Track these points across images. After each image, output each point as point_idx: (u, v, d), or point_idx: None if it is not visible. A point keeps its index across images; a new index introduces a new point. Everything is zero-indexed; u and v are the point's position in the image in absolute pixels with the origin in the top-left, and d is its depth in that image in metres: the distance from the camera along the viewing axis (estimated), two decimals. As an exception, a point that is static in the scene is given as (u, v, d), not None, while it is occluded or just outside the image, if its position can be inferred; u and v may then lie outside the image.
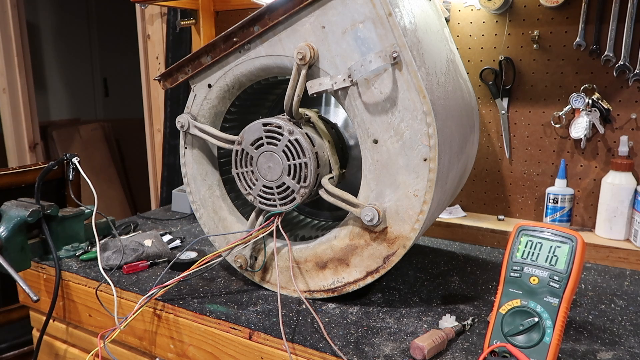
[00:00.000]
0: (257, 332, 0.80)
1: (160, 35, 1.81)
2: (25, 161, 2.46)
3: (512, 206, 1.23)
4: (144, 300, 0.85)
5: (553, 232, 0.67)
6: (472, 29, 1.18)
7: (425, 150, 0.74)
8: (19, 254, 0.99)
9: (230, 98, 0.91)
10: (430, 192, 0.75)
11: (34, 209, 0.98)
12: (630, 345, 0.74)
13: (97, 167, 3.18)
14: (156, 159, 1.94)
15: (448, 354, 0.72)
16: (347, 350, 0.72)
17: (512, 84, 1.16)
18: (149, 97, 1.91)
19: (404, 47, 0.72)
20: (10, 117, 2.38)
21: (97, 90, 3.67)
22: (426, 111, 0.73)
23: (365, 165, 0.79)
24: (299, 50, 0.77)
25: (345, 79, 0.76)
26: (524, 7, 1.12)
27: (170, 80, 0.93)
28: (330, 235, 0.85)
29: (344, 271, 0.84)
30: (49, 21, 3.32)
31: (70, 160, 1.11)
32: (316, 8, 0.77)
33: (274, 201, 0.85)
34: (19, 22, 2.34)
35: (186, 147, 0.95)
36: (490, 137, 1.22)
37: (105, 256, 1.03)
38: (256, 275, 0.93)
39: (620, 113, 1.08)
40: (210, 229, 0.96)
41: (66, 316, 1.06)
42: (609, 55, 1.05)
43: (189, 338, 0.88)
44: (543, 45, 1.12)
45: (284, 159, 0.82)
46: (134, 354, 1.00)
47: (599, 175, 1.12)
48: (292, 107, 0.81)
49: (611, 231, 1.09)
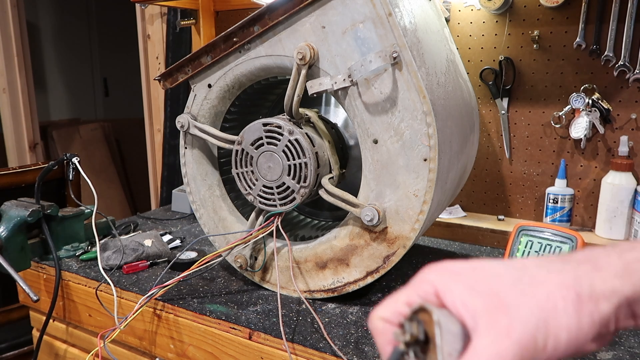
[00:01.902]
0: (257, 332, 0.80)
1: (160, 35, 1.81)
2: (25, 161, 2.46)
3: (512, 206, 1.23)
4: (144, 300, 0.85)
5: (553, 232, 0.67)
6: (472, 29, 1.18)
7: (425, 150, 0.74)
8: (19, 253, 0.99)
9: (230, 98, 0.91)
10: (430, 192, 0.75)
11: (34, 209, 0.98)
12: (630, 345, 0.74)
13: (97, 167, 3.18)
14: (156, 159, 1.94)
15: (448, 354, 0.72)
16: (347, 350, 0.72)
17: (512, 84, 1.16)
18: (149, 97, 1.91)
19: (404, 47, 0.72)
20: (10, 117, 2.38)
21: (97, 90, 3.67)
22: (426, 111, 0.73)
23: (365, 165, 0.79)
24: (299, 50, 0.77)
25: (345, 79, 0.76)
26: (524, 7, 1.12)
27: (170, 80, 0.93)
28: (330, 235, 0.85)
29: (344, 271, 0.84)
30: (49, 21, 3.32)
31: (70, 160, 1.11)
32: (316, 8, 0.77)
33: (274, 201, 0.85)
34: (19, 22, 2.34)
35: (186, 147, 0.95)
36: (490, 137, 1.22)
37: (105, 256, 1.03)
38: (256, 275, 0.93)
39: (620, 113, 1.08)
40: (210, 229, 0.96)
41: (66, 316, 1.06)
42: (609, 55, 1.05)
43: (189, 338, 0.88)
44: (543, 45, 1.12)
45: (284, 159, 0.82)
46: (134, 354, 1.00)
47: (599, 175, 1.11)
48: (292, 107, 0.81)
49: (611, 231, 1.09)
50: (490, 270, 0.33)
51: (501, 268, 0.33)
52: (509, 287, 0.31)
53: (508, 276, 0.32)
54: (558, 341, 0.30)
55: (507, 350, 0.29)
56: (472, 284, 0.32)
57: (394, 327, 0.34)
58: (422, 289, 0.34)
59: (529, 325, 0.30)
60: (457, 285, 0.32)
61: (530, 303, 0.30)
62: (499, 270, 0.33)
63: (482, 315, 0.30)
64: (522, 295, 0.31)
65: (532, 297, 0.31)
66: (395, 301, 0.35)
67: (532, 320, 0.30)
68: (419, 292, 0.34)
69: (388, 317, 0.35)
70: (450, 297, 0.32)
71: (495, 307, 0.30)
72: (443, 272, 0.34)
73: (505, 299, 0.31)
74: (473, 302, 0.31)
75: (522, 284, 0.31)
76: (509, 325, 0.29)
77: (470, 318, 0.31)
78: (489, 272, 0.33)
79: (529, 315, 0.30)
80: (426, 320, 0.32)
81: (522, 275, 0.32)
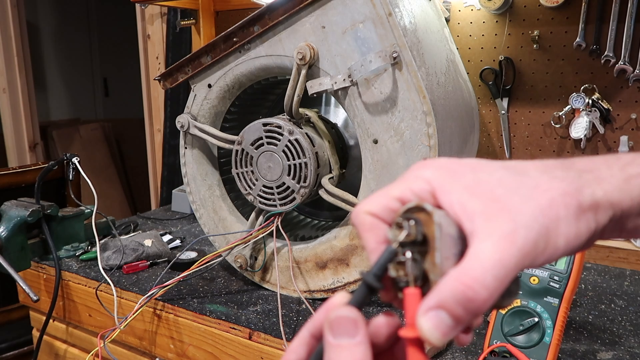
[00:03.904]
0: (257, 332, 0.80)
1: (160, 35, 1.81)
2: (25, 161, 2.46)
3: (512, 206, 1.23)
4: (144, 300, 0.85)
5: (553, 232, 0.67)
6: (472, 29, 1.18)
7: (425, 150, 0.74)
8: (19, 253, 0.99)
9: (230, 98, 0.91)
10: (430, 192, 0.75)
11: (34, 209, 0.98)
12: (630, 345, 0.74)
13: (97, 167, 3.18)
14: (156, 159, 1.94)
15: (448, 353, 0.72)
16: (347, 350, 0.72)
17: (512, 84, 1.16)
18: (149, 97, 1.91)
19: (404, 47, 0.72)
20: (10, 117, 2.38)
21: (97, 90, 3.67)
22: (426, 111, 0.73)
23: (365, 165, 0.79)
24: (299, 50, 0.77)
25: (345, 79, 0.76)
26: (524, 7, 1.12)
27: (170, 80, 0.93)
28: (330, 235, 0.85)
29: (344, 271, 0.84)
30: (49, 21, 3.32)
31: (70, 160, 1.11)
32: (316, 8, 0.77)
33: (274, 201, 0.85)
34: (19, 22, 2.34)
35: (186, 147, 0.95)
36: (490, 137, 1.22)
37: (105, 256, 1.03)
38: (256, 275, 0.93)
39: (620, 113, 1.08)
40: (210, 229, 0.96)
41: (66, 316, 1.06)
42: (609, 55, 1.05)
43: (189, 338, 0.88)
44: (543, 45, 1.12)
45: (284, 159, 0.82)
46: (134, 354, 1.00)
47: (599, 175, 1.11)
48: (292, 107, 0.81)
49: (611, 231, 1.08)
50: (491, 172, 0.31)
51: (502, 170, 0.31)
52: (511, 191, 0.30)
53: (510, 180, 0.31)
54: (556, 248, 0.29)
55: (510, 256, 0.28)
56: (472, 185, 0.30)
57: (383, 224, 0.32)
58: (416, 185, 0.32)
59: (532, 231, 0.28)
60: (456, 185, 0.31)
61: (534, 209, 0.29)
62: (500, 173, 0.31)
63: (482, 219, 0.29)
64: (525, 200, 0.29)
65: (535, 202, 0.29)
66: (386, 195, 0.32)
67: (534, 226, 0.29)
68: (414, 189, 0.32)
69: (377, 212, 0.32)
70: (447, 197, 0.30)
71: (497, 211, 0.29)
72: (440, 170, 0.32)
73: (507, 204, 0.29)
74: (472, 205, 0.30)
75: (525, 189, 0.30)
76: (512, 231, 0.28)
77: (468, 221, 0.29)
78: (490, 174, 0.31)
79: (532, 222, 0.29)
80: (424, 220, 0.29)
81: (524, 180, 0.31)
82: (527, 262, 0.29)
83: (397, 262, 0.30)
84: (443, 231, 0.29)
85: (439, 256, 0.29)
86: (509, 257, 0.28)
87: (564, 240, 0.30)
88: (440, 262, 0.29)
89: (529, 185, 0.30)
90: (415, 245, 0.30)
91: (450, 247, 0.29)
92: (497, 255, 0.28)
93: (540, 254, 0.29)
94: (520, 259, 0.28)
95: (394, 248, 0.30)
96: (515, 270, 0.28)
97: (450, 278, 0.28)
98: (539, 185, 0.30)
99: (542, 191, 0.30)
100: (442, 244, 0.29)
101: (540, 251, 0.29)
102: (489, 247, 0.28)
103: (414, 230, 0.29)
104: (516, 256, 0.28)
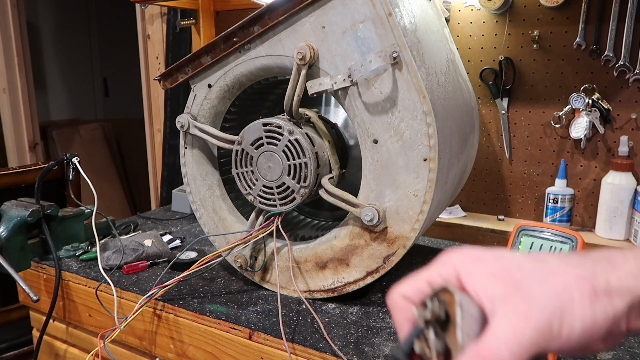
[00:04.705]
0: (257, 332, 0.80)
1: (160, 35, 1.81)
2: (25, 161, 2.46)
3: (512, 206, 1.23)
4: (144, 300, 0.85)
5: (553, 232, 0.67)
6: (472, 29, 1.18)
7: (425, 150, 0.74)
8: (19, 253, 0.99)
9: (230, 98, 0.91)
10: (430, 192, 0.75)
11: (34, 209, 0.98)
12: (630, 346, 0.74)
13: (97, 167, 3.18)
14: (156, 159, 1.94)
15: None
16: (347, 350, 0.72)
17: (512, 84, 1.16)
18: (149, 97, 1.91)
19: (404, 47, 0.72)
20: (10, 117, 2.38)
21: (97, 90, 3.67)
22: (426, 111, 0.73)
23: (365, 165, 0.79)
24: (299, 50, 0.77)
25: (345, 79, 0.76)
26: (524, 7, 1.12)
27: (170, 80, 0.93)
28: (330, 235, 0.85)
29: (344, 271, 0.84)
30: (49, 21, 3.32)
31: (70, 160, 1.11)
32: (316, 8, 0.77)
33: (274, 201, 0.85)
34: (19, 22, 2.34)
35: (186, 147, 0.95)
36: (490, 137, 1.22)
37: (105, 256, 1.03)
38: (256, 275, 0.93)
39: (620, 113, 1.08)
40: (210, 229, 0.96)
41: (66, 316, 1.06)
42: (609, 55, 1.05)
43: (189, 338, 0.88)
44: (543, 45, 1.12)
45: (284, 159, 0.82)
46: (134, 354, 1.00)
47: (599, 175, 1.11)
48: (292, 107, 0.81)
49: (611, 231, 1.09)
50: (510, 259, 0.34)
51: (521, 258, 0.34)
52: (528, 276, 0.33)
53: (528, 266, 0.33)
54: (572, 330, 0.31)
55: (524, 333, 0.30)
56: (493, 271, 0.33)
57: (413, 304, 0.35)
58: (444, 270, 0.35)
59: (546, 311, 0.31)
60: (479, 270, 0.34)
61: (548, 291, 0.32)
62: (519, 260, 0.34)
63: (501, 301, 0.32)
64: (541, 283, 0.32)
65: (550, 286, 0.32)
66: (417, 279, 0.36)
67: (549, 307, 0.31)
68: (441, 273, 0.35)
69: (409, 294, 0.36)
70: (471, 281, 0.33)
71: (514, 294, 0.32)
72: (465, 257, 0.35)
73: (524, 287, 0.32)
74: (493, 288, 0.32)
75: (541, 274, 0.33)
76: (527, 311, 0.31)
77: (489, 303, 0.32)
78: (509, 261, 0.34)
79: (546, 303, 0.31)
80: (448, 300, 0.32)
81: (541, 266, 0.33)
82: (543, 340, 0.30)
83: (423, 339, 0.33)
84: (464, 310, 0.32)
85: (460, 333, 0.31)
86: (523, 333, 0.30)
87: (579, 323, 0.31)
88: (462, 338, 0.31)
89: (546, 271, 0.33)
90: (439, 324, 0.32)
91: (471, 326, 0.32)
92: (511, 332, 0.30)
93: (556, 334, 0.31)
94: (535, 337, 0.30)
95: (420, 326, 0.33)
96: (530, 347, 0.30)
97: (469, 352, 0.30)
98: (554, 271, 0.33)
99: (557, 275, 0.33)
100: (463, 322, 0.31)
101: (556, 332, 0.31)
102: (505, 324, 0.31)
103: (438, 309, 0.32)
104: (530, 333, 0.30)
